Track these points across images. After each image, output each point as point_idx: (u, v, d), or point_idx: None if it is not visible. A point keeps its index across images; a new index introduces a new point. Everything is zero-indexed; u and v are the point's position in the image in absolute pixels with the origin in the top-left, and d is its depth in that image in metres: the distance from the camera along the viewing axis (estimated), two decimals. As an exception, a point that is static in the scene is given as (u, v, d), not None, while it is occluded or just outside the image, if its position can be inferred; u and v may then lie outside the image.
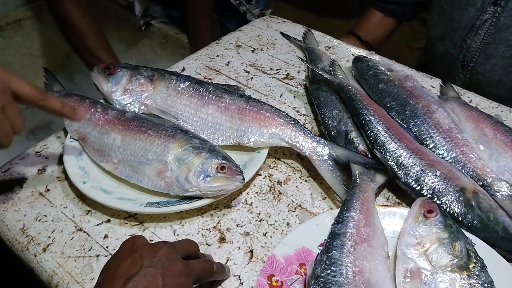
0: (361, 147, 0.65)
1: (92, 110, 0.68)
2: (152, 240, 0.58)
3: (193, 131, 0.67)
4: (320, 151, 0.64)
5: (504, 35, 0.86)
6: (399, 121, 0.68)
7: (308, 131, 0.66)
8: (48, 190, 0.65)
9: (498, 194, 0.59)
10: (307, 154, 0.65)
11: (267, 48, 0.91)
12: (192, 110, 0.69)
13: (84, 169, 0.64)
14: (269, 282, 0.51)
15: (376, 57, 0.83)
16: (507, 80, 0.90)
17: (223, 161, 0.59)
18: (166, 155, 0.60)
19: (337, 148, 0.64)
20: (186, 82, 0.71)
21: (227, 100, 0.69)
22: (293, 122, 0.67)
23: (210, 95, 0.70)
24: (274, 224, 0.60)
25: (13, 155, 0.70)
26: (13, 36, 1.43)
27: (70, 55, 1.48)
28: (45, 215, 0.62)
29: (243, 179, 0.58)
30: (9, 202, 0.63)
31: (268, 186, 0.65)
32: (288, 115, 0.68)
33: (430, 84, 0.80)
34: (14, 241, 0.59)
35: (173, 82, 0.71)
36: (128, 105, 0.71)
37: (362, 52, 0.87)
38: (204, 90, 0.70)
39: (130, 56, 1.44)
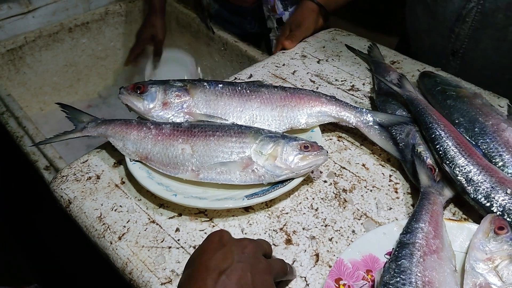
0: (429, 160, 0.66)
1: (144, 129, 0.70)
2: (221, 237, 0.60)
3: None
4: (365, 119, 0.71)
5: (491, 19, 0.88)
6: (468, 138, 0.68)
7: (349, 104, 0.73)
8: (123, 182, 0.68)
9: None
10: (354, 124, 0.72)
11: (332, 59, 0.93)
12: (237, 108, 0.73)
13: (163, 184, 0.66)
14: (337, 285, 0.52)
15: (443, 74, 0.83)
16: (498, 61, 0.92)
17: (304, 141, 0.64)
18: (246, 150, 0.64)
19: (378, 113, 0.72)
20: (220, 85, 0.75)
21: (266, 93, 0.74)
22: (334, 99, 0.74)
23: (248, 91, 0.74)
24: (339, 230, 0.61)
25: (91, 148, 0.75)
26: (80, 37, 1.50)
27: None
28: (120, 206, 0.65)
29: (327, 152, 0.64)
30: (87, 192, 0.67)
31: (334, 193, 0.66)
32: (326, 94, 0.74)
33: (498, 103, 0.80)
34: (91, 228, 0.63)
35: (208, 87, 0.74)
36: (172, 117, 0.73)
37: (428, 68, 0.87)
38: (240, 88, 0.74)
39: (190, 62, 1.49)
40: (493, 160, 0.66)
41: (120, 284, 0.63)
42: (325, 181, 0.68)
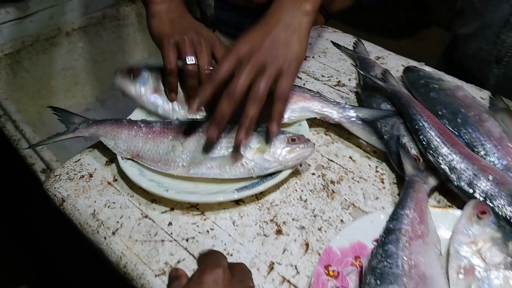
0: (413, 151, 0.68)
1: (135, 127, 0.71)
2: (213, 230, 0.62)
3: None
4: (347, 115, 0.73)
5: None
6: (450, 129, 0.70)
7: (333, 100, 0.74)
8: (116, 180, 0.70)
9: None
10: (337, 120, 0.73)
11: (319, 56, 0.95)
12: None
13: (155, 180, 0.67)
14: (326, 272, 0.54)
15: (427, 68, 0.85)
16: None
17: (291, 134, 0.66)
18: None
19: (361, 109, 0.74)
20: None
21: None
22: (318, 95, 0.75)
23: None
24: (328, 220, 0.63)
25: (82, 148, 0.76)
26: (78, 41, 1.50)
27: (128, 61, 1.56)
28: (113, 202, 0.66)
29: (314, 144, 0.66)
30: (80, 190, 0.68)
31: (322, 185, 0.68)
32: (312, 90, 0.76)
33: (480, 95, 0.82)
34: (85, 225, 0.64)
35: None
36: (161, 105, 0.74)
37: (412, 63, 0.89)
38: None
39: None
40: (476, 149, 0.68)
41: (115, 285, 0.65)
42: (313, 174, 0.69)
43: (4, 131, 1.04)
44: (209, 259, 0.42)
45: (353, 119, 0.73)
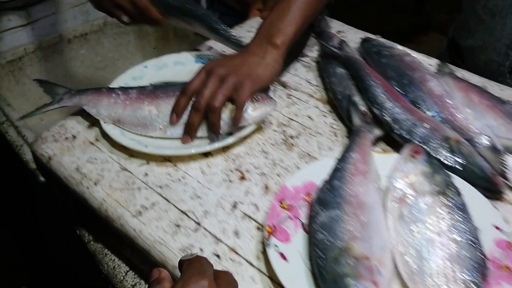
0: (362, 107, 0.76)
1: (114, 95, 0.78)
2: (184, 178, 0.69)
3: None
4: None
5: None
6: (397, 89, 0.79)
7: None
8: (97, 140, 0.77)
9: (478, 145, 0.69)
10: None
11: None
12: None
13: (135, 139, 0.75)
14: (281, 205, 0.62)
15: (382, 40, 0.94)
16: None
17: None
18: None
19: None
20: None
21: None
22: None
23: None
24: (286, 168, 0.71)
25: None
26: (79, 48, 1.53)
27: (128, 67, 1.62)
28: (95, 158, 0.74)
29: (275, 101, 0.74)
30: (65, 149, 0.76)
31: (282, 139, 0.76)
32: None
33: (428, 63, 0.91)
34: (70, 178, 0.72)
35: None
36: None
37: (370, 35, 0.97)
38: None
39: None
40: (418, 105, 0.76)
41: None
42: (275, 130, 0.78)
43: (7, 136, 1.10)
44: (194, 268, 0.39)
45: None
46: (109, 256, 0.72)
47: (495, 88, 0.85)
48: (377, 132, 0.72)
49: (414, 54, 0.90)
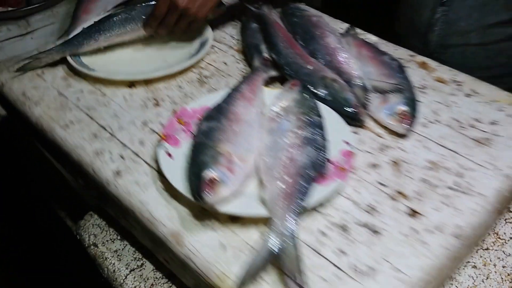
0: (265, 54, 0.90)
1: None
2: (109, 103, 0.84)
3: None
4: None
5: (454, 28, 1.05)
6: (301, 42, 0.93)
7: None
8: (43, 73, 0.92)
9: (353, 85, 0.83)
10: None
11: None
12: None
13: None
14: (178, 121, 0.76)
15: (302, 6, 1.08)
16: (464, 64, 1.02)
17: None
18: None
19: None
20: None
21: None
22: None
23: None
24: (194, 99, 0.85)
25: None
26: None
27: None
28: (39, 86, 0.88)
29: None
30: (15, 79, 0.90)
31: (197, 78, 0.90)
32: None
33: (340, 26, 1.05)
34: (17, 101, 0.86)
35: None
36: None
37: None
38: None
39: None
40: (316, 55, 0.90)
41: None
42: (193, 72, 0.92)
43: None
44: None
45: None
46: (109, 260, 0.76)
47: (390, 47, 0.99)
48: (273, 72, 0.86)
49: (325, 16, 1.04)
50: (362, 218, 0.64)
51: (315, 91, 0.80)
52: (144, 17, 0.92)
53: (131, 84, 0.88)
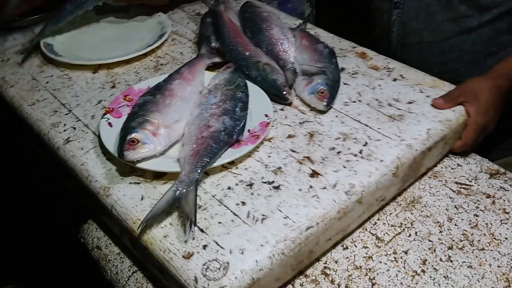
0: (213, 44, 1.01)
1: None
2: (72, 85, 0.96)
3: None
4: None
5: (409, 28, 1.13)
6: (249, 34, 1.03)
7: None
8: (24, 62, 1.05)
9: (287, 69, 0.92)
10: None
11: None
12: None
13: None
14: (124, 98, 0.87)
15: (257, 3, 1.18)
16: (423, 60, 1.12)
17: None
18: None
19: None
20: None
21: None
22: None
23: None
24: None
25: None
26: None
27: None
28: (16, 72, 1.02)
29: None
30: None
31: (154, 65, 1.02)
32: None
33: (293, 22, 1.14)
34: (-4, 86, 1.00)
35: None
36: None
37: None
38: None
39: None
40: (260, 45, 1.00)
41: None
42: (151, 60, 1.04)
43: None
44: None
45: None
46: (112, 262, 0.78)
47: (335, 40, 1.08)
48: (216, 59, 0.97)
49: (280, 14, 1.14)
50: (268, 177, 0.73)
51: (248, 73, 0.90)
52: None
53: (95, 70, 1.00)
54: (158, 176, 0.74)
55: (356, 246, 0.73)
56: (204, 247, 0.63)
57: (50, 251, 1.44)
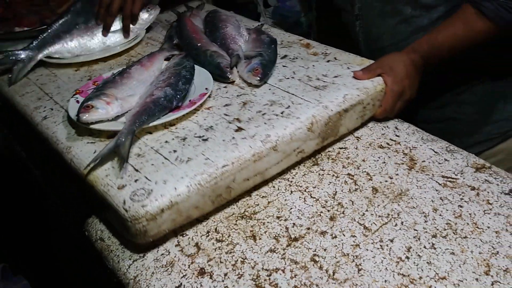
0: (175, 41, 1.18)
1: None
2: (55, 80, 1.14)
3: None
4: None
5: (370, 35, 1.24)
6: (208, 33, 1.20)
7: None
8: (20, 66, 1.25)
9: (233, 56, 1.08)
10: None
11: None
12: None
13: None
14: (93, 84, 1.04)
15: (218, 9, 1.35)
16: (384, 39, 1.20)
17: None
18: None
19: None
20: None
21: None
22: None
23: None
24: (118, 74, 1.14)
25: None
26: None
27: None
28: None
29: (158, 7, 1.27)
30: (1, 71, 1.24)
31: (126, 62, 1.19)
32: None
33: (252, 24, 1.31)
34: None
35: None
36: None
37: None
38: None
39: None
40: (216, 40, 1.16)
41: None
42: (125, 58, 1.21)
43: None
44: None
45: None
46: (114, 252, 0.81)
47: (285, 35, 1.24)
48: (175, 52, 1.14)
49: (241, 18, 1.31)
50: (200, 133, 0.87)
51: (198, 59, 1.06)
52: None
53: (78, 68, 1.18)
54: (112, 137, 0.89)
55: (344, 235, 0.74)
56: (136, 181, 0.77)
57: (55, 245, 1.53)
